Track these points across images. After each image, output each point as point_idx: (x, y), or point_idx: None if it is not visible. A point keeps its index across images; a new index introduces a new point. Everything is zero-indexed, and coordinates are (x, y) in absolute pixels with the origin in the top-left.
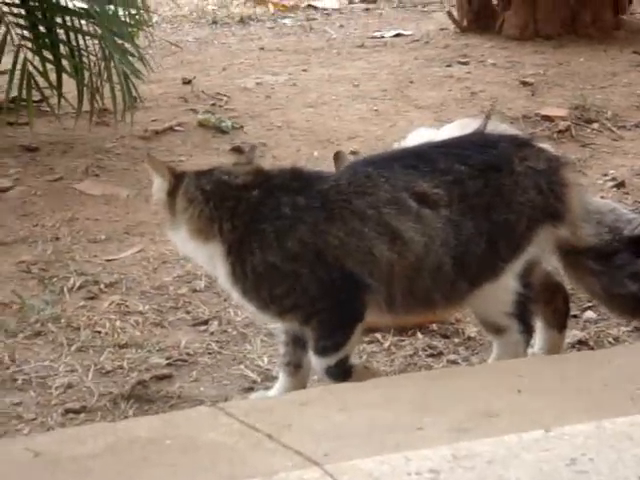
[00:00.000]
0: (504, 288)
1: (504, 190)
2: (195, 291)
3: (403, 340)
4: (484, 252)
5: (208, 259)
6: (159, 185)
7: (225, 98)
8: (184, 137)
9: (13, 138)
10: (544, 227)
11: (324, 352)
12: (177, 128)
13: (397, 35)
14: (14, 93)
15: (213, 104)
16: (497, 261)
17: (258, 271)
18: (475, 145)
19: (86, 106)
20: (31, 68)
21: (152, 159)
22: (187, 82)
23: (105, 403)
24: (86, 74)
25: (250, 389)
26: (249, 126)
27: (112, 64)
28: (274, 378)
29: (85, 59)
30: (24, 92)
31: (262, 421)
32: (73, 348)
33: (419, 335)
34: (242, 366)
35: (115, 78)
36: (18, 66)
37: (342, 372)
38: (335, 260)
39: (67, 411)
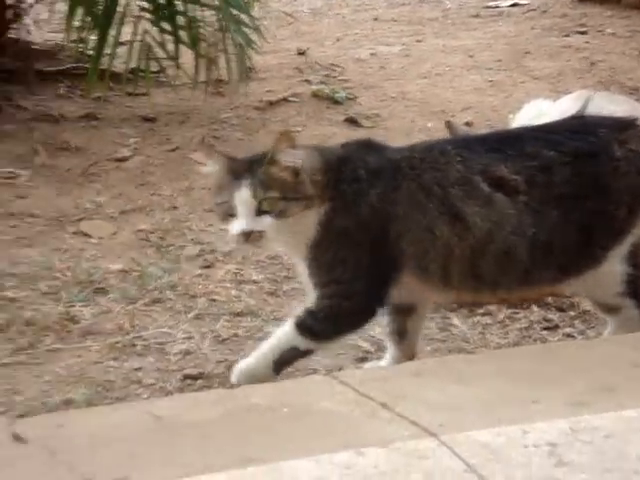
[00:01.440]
0: (609, 273)
1: (600, 178)
2: None
3: (518, 313)
4: (578, 241)
5: (311, 230)
6: (295, 157)
7: (339, 69)
8: (298, 108)
9: (132, 108)
10: None
11: (307, 332)
12: (291, 99)
13: (513, 5)
14: (133, 64)
15: (327, 75)
16: (595, 249)
17: (336, 233)
18: (571, 131)
19: (202, 77)
20: (149, 39)
21: (286, 134)
22: (301, 53)
23: (222, 370)
24: (203, 45)
25: (363, 359)
26: (363, 97)
27: (228, 35)
28: (387, 348)
29: (202, 30)
30: (143, 63)
31: (376, 390)
32: (190, 315)
33: (534, 308)
34: (355, 336)
35: (231, 49)
36: (137, 37)
37: (285, 362)
38: (396, 236)
39: (185, 377)
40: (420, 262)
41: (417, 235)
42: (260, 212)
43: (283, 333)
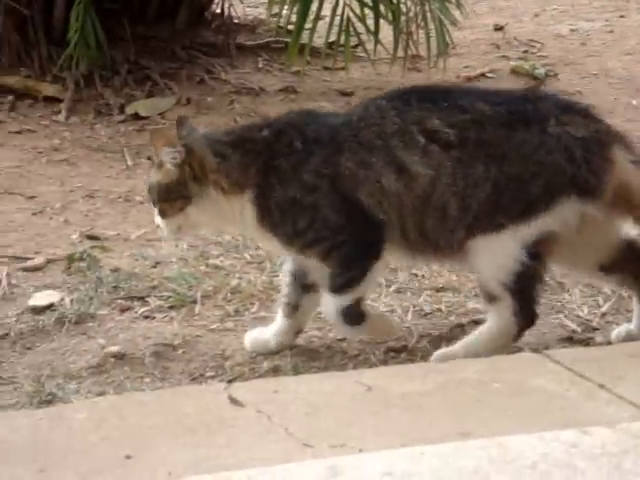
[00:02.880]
0: (503, 250)
1: (525, 145)
2: None
3: None
4: (486, 199)
5: (239, 213)
6: (171, 155)
7: (538, 45)
8: (496, 84)
9: (329, 82)
10: (569, 199)
11: (340, 289)
12: (489, 75)
13: None
14: (332, 38)
15: (525, 51)
16: (497, 214)
17: (282, 207)
18: (512, 97)
19: (400, 52)
20: (350, 13)
21: (157, 132)
22: (499, 28)
23: (425, 344)
24: (402, 19)
25: (569, 339)
26: (563, 74)
27: (427, 9)
28: (594, 329)
29: (402, 5)
30: (342, 37)
31: (591, 371)
32: (392, 289)
33: None
34: (561, 315)
35: (430, 24)
36: (337, 11)
37: (355, 315)
38: (350, 192)
39: (388, 350)
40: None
41: (369, 189)
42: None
43: (327, 306)
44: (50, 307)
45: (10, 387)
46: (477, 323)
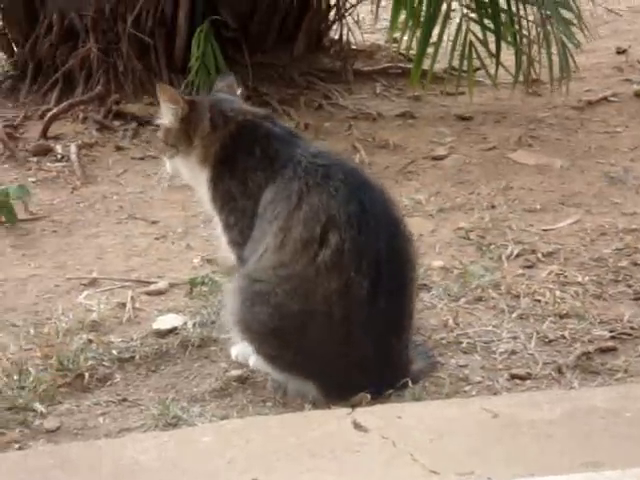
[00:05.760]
0: None
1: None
2: (636, 264)
3: None
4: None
5: (203, 185)
6: (173, 111)
7: None
8: (619, 108)
9: (447, 107)
10: None
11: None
12: (611, 99)
13: None
14: (454, 63)
15: None
16: None
17: (224, 197)
18: None
19: (519, 76)
20: (471, 38)
21: (164, 87)
22: (621, 52)
23: (550, 372)
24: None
25: None
26: None
27: (550, 31)
28: None
29: (524, 29)
30: (463, 62)
31: None
32: (514, 315)
33: None
34: None
35: (552, 47)
36: (451, 37)
37: None
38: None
39: (512, 376)
40: None
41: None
42: None
43: None
44: (173, 331)
45: (136, 409)
46: (603, 351)
